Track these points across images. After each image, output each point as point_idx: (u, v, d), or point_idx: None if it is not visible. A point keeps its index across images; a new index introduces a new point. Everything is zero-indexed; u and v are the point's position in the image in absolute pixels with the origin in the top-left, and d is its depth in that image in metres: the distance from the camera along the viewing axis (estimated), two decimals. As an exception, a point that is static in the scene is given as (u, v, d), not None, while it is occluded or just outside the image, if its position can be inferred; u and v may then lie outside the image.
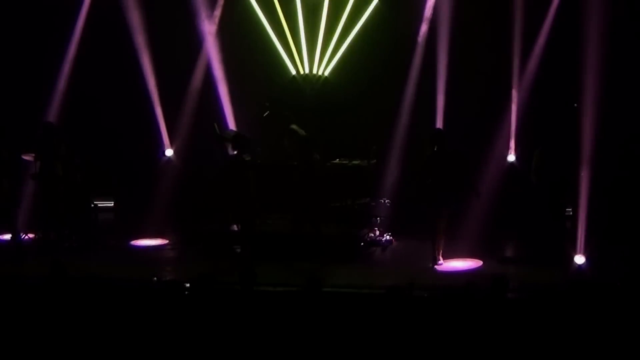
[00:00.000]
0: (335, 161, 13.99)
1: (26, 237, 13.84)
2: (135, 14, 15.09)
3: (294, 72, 15.38)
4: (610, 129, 13.51)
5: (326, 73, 15.30)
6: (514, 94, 14.65)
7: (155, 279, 11.53)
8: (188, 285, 9.72)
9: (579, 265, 12.29)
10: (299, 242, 13.22)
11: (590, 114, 13.23)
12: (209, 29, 15.33)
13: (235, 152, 13.26)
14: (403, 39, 14.99)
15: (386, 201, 14.25)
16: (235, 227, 13.90)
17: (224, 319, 8.70)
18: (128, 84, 15.18)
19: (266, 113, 14.25)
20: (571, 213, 13.04)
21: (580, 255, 12.36)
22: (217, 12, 15.38)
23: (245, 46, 15.29)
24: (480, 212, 13.88)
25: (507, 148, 14.74)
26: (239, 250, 13.54)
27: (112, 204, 15.72)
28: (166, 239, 14.19)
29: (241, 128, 14.72)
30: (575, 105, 13.55)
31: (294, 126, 13.77)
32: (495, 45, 14.48)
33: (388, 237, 13.98)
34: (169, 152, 15.54)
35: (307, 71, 15.32)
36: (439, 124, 14.77)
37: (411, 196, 13.17)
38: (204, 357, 8.53)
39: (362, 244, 13.51)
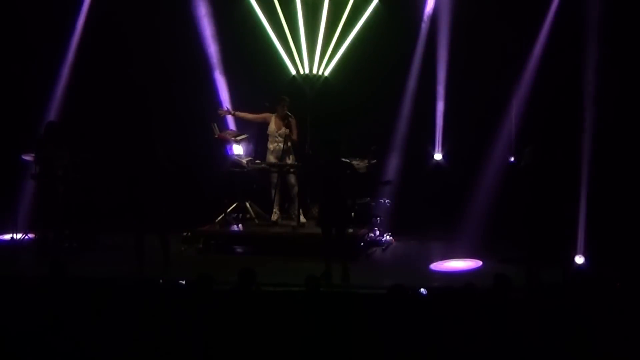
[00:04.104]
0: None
1: (26, 237, 13.86)
2: (135, 13, 15.07)
3: (294, 72, 15.37)
4: (611, 128, 13.53)
5: (326, 73, 15.29)
6: (515, 93, 14.65)
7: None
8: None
9: (579, 265, 12.29)
10: (299, 242, 13.27)
11: (590, 114, 13.24)
12: (209, 28, 15.33)
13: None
14: (403, 39, 14.99)
15: (386, 201, 14.25)
16: (235, 228, 13.97)
17: (224, 319, 8.70)
18: (128, 84, 15.16)
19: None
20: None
21: (580, 255, 12.36)
22: (217, 12, 15.37)
23: (246, 46, 15.28)
24: (480, 212, 13.92)
25: (508, 148, 14.74)
26: (239, 250, 13.60)
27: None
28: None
29: (241, 128, 14.75)
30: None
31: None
32: (495, 45, 14.47)
33: (388, 237, 14.00)
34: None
35: (307, 71, 15.32)
36: (439, 123, 14.80)
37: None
38: (204, 357, 8.53)
39: (362, 244, 13.51)
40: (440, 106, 14.94)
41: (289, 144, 13.93)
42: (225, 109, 14.43)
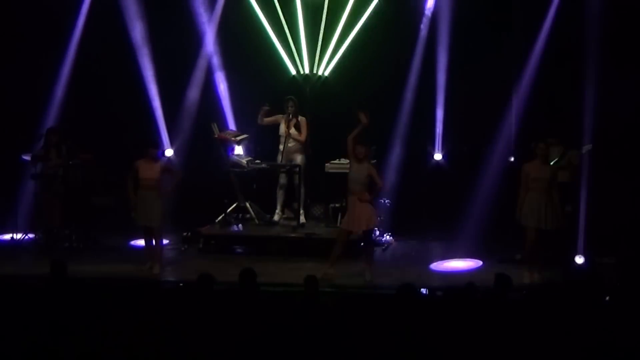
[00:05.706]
0: (335, 161, 14.00)
1: (26, 237, 13.86)
2: (135, 14, 15.07)
3: (294, 72, 15.36)
4: (610, 128, 13.53)
5: (326, 73, 15.28)
6: (515, 93, 14.66)
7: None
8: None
9: (579, 265, 12.29)
10: (299, 242, 13.28)
11: (590, 113, 13.25)
12: (209, 28, 15.33)
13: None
14: (403, 39, 14.99)
15: (386, 201, 14.24)
16: (235, 228, 13.98)
17: (224, 319, 8.69)
18: (128, 85, 15.16)
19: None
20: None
21: (580, 255, 12.36)
22: (217, 12, 15.37)
23: (245, 46, 15.28)
24: (480, 211, 13.92)
25: (508, 148, 14.74)
26: (239, 250, 13.61)
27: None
28: (166, 239, 14.18)
29: (241, 128, 14.76)
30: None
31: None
32: (496, 44, 14.48)
33: (388, 237, 13.99)
34: (169, 152, 15.52)
35: (307, 71, 15.31)
36: (439, 123, 14.81)
37: None
38: (203, 357, 8.53)
39: (362, 244, 13.48)
40: (440, 106, 14.94)
41: (297, 144, 13.88)
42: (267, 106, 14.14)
